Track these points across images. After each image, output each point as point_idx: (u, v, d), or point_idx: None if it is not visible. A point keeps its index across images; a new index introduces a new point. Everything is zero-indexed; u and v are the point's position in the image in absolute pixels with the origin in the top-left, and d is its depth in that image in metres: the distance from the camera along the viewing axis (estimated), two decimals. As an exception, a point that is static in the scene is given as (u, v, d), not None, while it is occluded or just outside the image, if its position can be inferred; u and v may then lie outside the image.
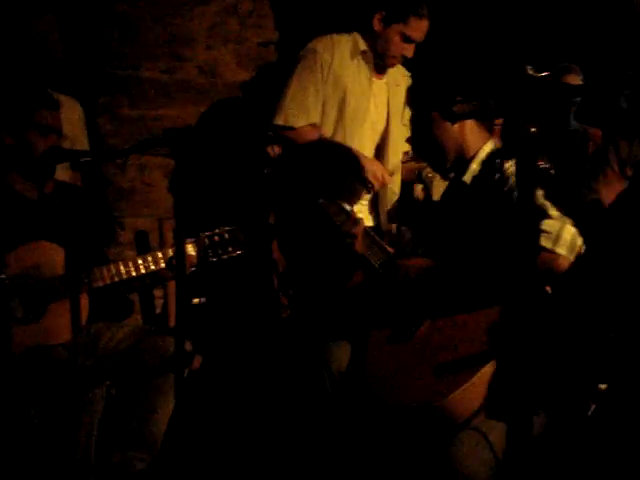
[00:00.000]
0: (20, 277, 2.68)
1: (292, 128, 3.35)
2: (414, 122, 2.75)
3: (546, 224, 2.30)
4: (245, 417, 3.30)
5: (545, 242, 2.30)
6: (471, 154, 2.59)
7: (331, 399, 2.64)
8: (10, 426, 2.57)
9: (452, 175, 2.70)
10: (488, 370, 2.24)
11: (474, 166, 2.58)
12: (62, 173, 3.23)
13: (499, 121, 2.83)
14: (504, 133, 2.10)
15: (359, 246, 2.65)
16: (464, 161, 2.60)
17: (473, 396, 2.23)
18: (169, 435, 2.71)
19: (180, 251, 2.23)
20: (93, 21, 3.76)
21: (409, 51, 3.38)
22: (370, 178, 3.33)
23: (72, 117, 3.34)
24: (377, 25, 3.35)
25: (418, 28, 3.34)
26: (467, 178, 2.59)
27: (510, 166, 2.46)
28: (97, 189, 3.78)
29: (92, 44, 3.78)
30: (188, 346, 2.78)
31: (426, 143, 2.67)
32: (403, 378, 2.40)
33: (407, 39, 3.34)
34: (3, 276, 2.64)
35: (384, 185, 3.41)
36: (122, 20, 3.80)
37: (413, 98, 2.75)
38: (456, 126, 2.55)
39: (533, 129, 1.68)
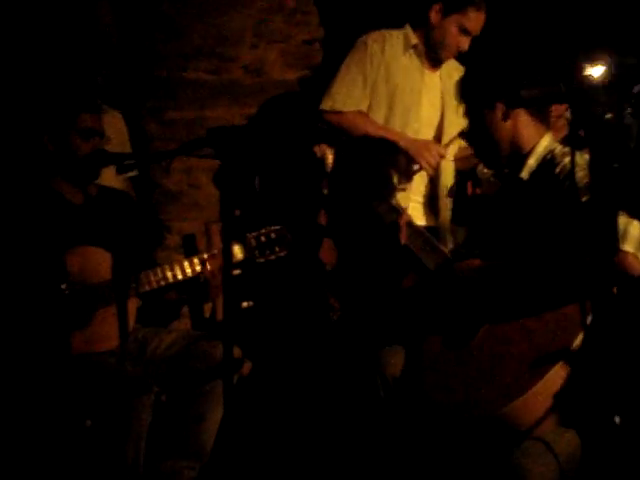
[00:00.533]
0: (67, 282, 2.63)
1: (339, 112, 3.28)
2: (466, 117, 2.64)
3: None
4: (295, 424, 3.23)
5: None
6: (527, 149, 2.48)
7: (384, 406, 2.55)
8: (60, 434, 2.54)
9: (507, 171, 2.58)
10: (552, 377, 2.12)
11: (531, 162, 2.47)
12: (110, 178, 3.20)
13: (556, 113, 2.71)
14: (574, 122, 1.98)
15: (403, 238, 2.56)
16: (520, 157, 2.48)
17: (537, 404, 2.12)
18: (218, 443, 2.65)
19: (227, 254, 2.16)
20: (137, 23, 3.73)
21: (465, 44, 3.29)
22: (416, 156, 3.23)
23: (116, 126, 3.29)
24: (434, 17, 3.28)
25: (475, 20, 3.26)
26: (524, 174, 2.47)
27: (569, 161, 2.33)
28: (144, 193, 3.74)
29: (137, 47, 3.75)
30: (237, 352, 2.72)
31: (478, 139, 2.56)
32: (462, 386, 2.30)
33: (464, 31, 3.27)
34: (63, 286, 2.60)
35: (437, 165, 3.28)
36: (166, 21, 3.75)
37: (464, 92, 2.64)
38: (509, 121, 2.44)
39: (609, 115, 1.56)
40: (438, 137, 3.39)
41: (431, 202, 3.39)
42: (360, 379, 2.66)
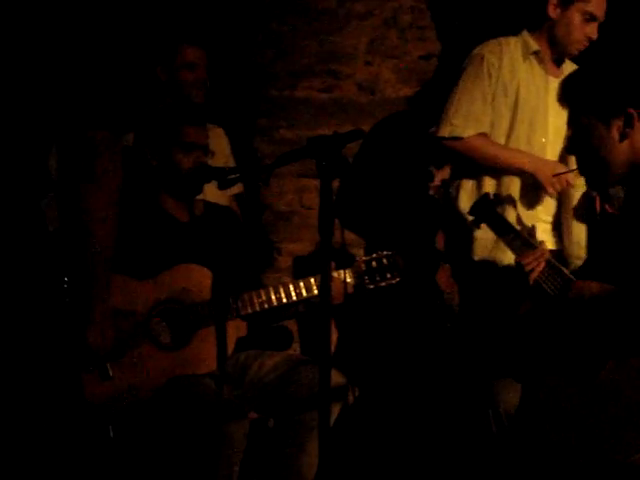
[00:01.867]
0: (168, 302, 2.58)
1: (460, 138, 3.08)
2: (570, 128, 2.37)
3: None
4: (402, 455, 3.05)
5: None
6: None
7: (497, 442, 2.34)
8: (151, 456, 2.47)
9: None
10: None
11: None
12: (217, 196, 3.15)
13: None
14: None
15: (535, 276, 2.34)
16: None
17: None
18: (320, 475, 2.50)
19: (325, 277, 2.03)
20: (246, 42, 3.69)
21: (593, 31, 3.02)
22: (543, 182, 3.00)
23: (219, 143, 3.26)
24: (553, 11, 3.03)
25: (599, 3, 3.00)
26: None
27: None
28: (253, 213, 3.69)
29: (247, 66, 3.72)
30: (340, 379, 2.58)
31: (584, 154, 2.30)
32: (586, 427, 2.06)
33: (590, 17, 3.01)
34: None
35: (563, 189, 3.03)
36: (276, 39, 3.71)
37: (570, 100, 2.36)
38: (626, 142, 2.19)
39: None
40: None
41: (558, 223, 3.13)
42: (472, 413, 2.47)
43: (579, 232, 3.11)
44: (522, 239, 2.51)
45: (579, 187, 3.10)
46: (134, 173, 2.85)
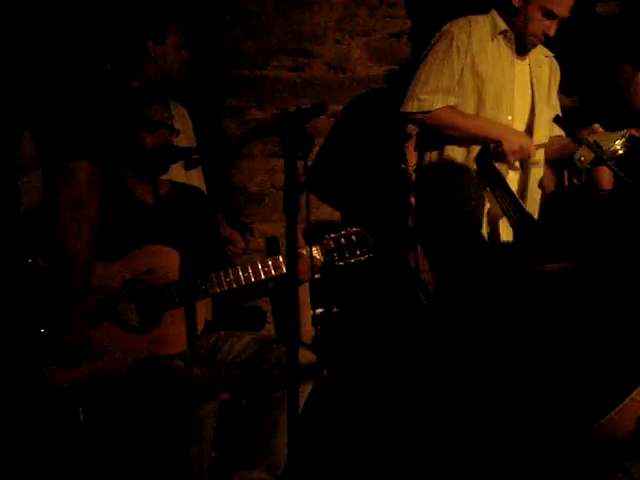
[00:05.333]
0: (134, 282, 2.56)
1: (428, 112, 3.07)
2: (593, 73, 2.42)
3: None
4: (375, 439, 3.04)
5: None
6: None
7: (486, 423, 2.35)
8: (122, 437, 2.45)
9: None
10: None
11: None
12: (188, 176, 3.12)
13: None
14: None
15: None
16: None
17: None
18: (292, 455, 2.50)
19: (291, 253, 2.02)
20: (216, 21, 3.65)
21: (551, 28, 3.02)
22: (506, 150, 3.00)
23: (184, 123, 3.23)
24: (516, 1, 3.03)
25: (562, 2, 2.98)
26: None
27: None
28: (224, 194, 3.66)
29: (216, 45, 3.68)
30: (311, 357, 2.57)
31: (605, 92, 2.34)
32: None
33: (550, 14, 3.00)
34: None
35: (525, 158, 3.05)
36: (245, 18, 3.67)
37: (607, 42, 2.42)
38: None
39: None
40: (529, 130, 3.14)
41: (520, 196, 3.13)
42: (453, 392, 2.47)
43: (533, 208, 3.12)
44: (511, 196, 2.53)
45: (539, 163, 3.12)
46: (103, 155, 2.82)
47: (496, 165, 2.86)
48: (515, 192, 2.96)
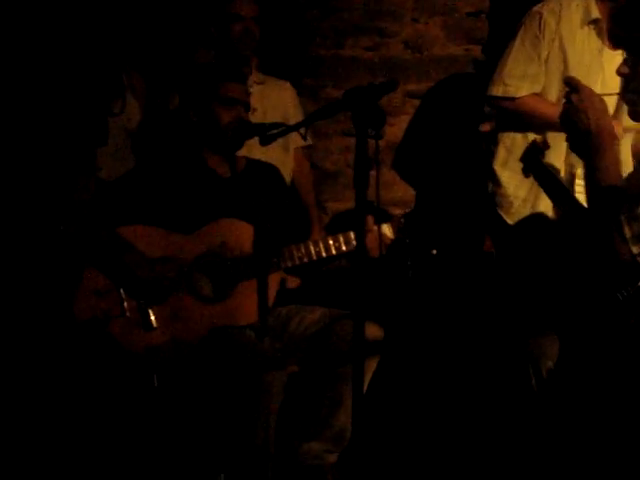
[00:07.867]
0: (208, 255, 2.63)
1: (512, 99, 3.02)
2: None
3: None
4: (437, 413, 3.05)
5: None
6: None
7: (537, 400, 2.33)
8: (193, 404, 2.53)
9: None
10: None
11: None
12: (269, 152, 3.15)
13: None
14: None
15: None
16: None
17: None
18: (356, 428, 2.53)
19: (360, 229, 2.04)
20: (292, 0, 3.68)
21: None
22: None
23: (284, 98, 3.29)
24: None
25: None
26: None
27: None
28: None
29: (293, 24, 3.70)
30: (378, 332, 2.60)
31: None
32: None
33: None
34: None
35: None
36: (321, -2, 3.69)
37: None
38: None
39: None
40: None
41: None
42: (511, 369, 2.46)
43: None
44: (562, 189, 2.49)
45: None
46: (178, 132, 2.89)
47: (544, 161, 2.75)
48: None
